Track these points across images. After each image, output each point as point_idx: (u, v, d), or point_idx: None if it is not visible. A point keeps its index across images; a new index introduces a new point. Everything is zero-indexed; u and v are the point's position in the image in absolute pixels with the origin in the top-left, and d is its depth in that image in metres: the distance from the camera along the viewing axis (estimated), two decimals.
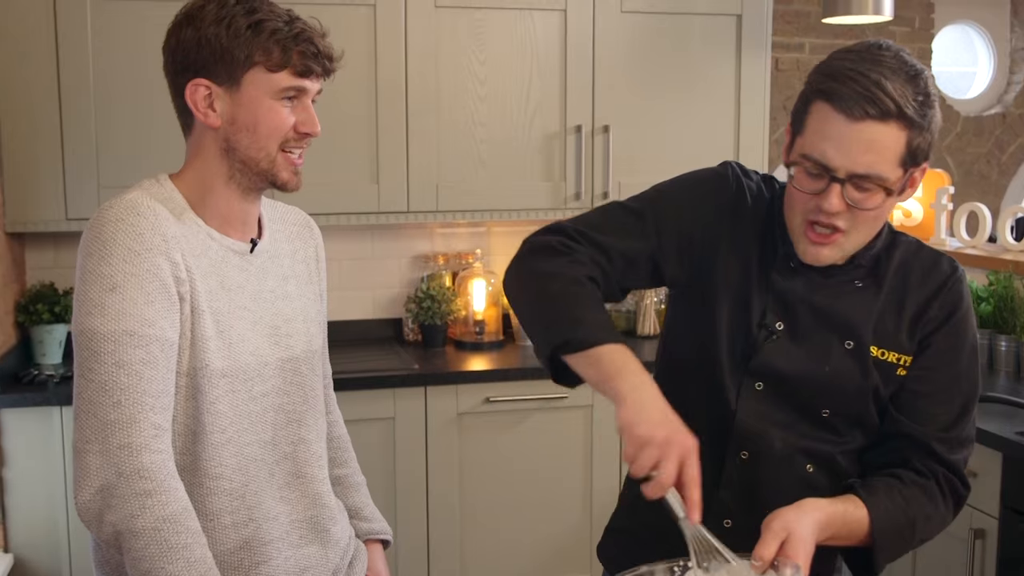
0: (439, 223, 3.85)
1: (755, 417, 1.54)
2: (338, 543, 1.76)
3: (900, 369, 1.54)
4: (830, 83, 1.40)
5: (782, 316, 1.54)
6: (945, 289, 1.56)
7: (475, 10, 3.47)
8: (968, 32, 5.65)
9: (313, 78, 1.59)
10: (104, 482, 1.43)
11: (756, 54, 3.71)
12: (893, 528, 1.49)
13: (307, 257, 1.81)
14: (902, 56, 1.41)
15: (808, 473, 1.55)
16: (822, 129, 1.41)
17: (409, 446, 3.28)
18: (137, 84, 3.23)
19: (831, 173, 1.41)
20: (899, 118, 1.38)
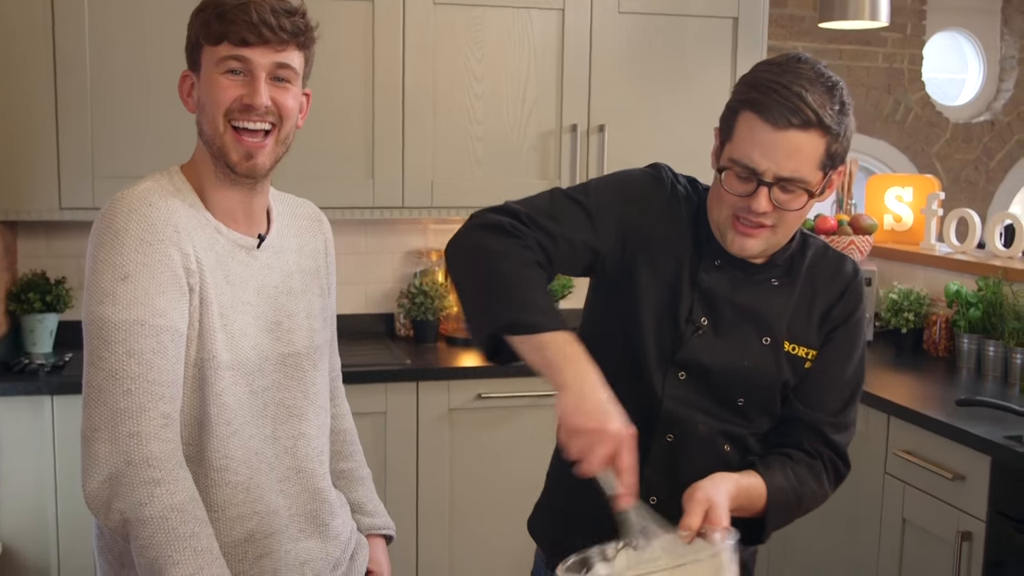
0: (433, 219, 3.86)
1: (681, 404, 1.65)
2: (338, 537, 1.77)
3: (807, 363, 1.69)
4: (756, 95, 1.51)
5: (707, 312, 1.64)
6: (849, 291, 1.70)
7: (473, 7, 3.48)
8: (958, 39, 5.69)
9: (258, 48, 1.55)
10: (113, 470, 1.44)
11: (751, 56, 3.73)
12: (784, 502, 1.62)
13: (315, 251, 1.81)
14: (819, 69, 1.54)
15: (726, 452, 1.67)
16: (750, 137, 1.52)
17: (400, 441, 3.29)
18: (133, 75, 3.23)
19: (759, 177, 1.52)
20: (819, 126, 1.49)
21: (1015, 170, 5.63)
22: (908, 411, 2.91)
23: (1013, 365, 3.26)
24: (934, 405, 2.97)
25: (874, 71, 5.27)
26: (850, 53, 5.20)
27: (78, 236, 3.58)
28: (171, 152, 3.21)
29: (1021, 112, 5.60)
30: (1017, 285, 3.37)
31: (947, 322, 3.58)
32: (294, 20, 1.58)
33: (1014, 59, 5.58)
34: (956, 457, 2.73)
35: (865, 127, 5.27)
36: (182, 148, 3.19)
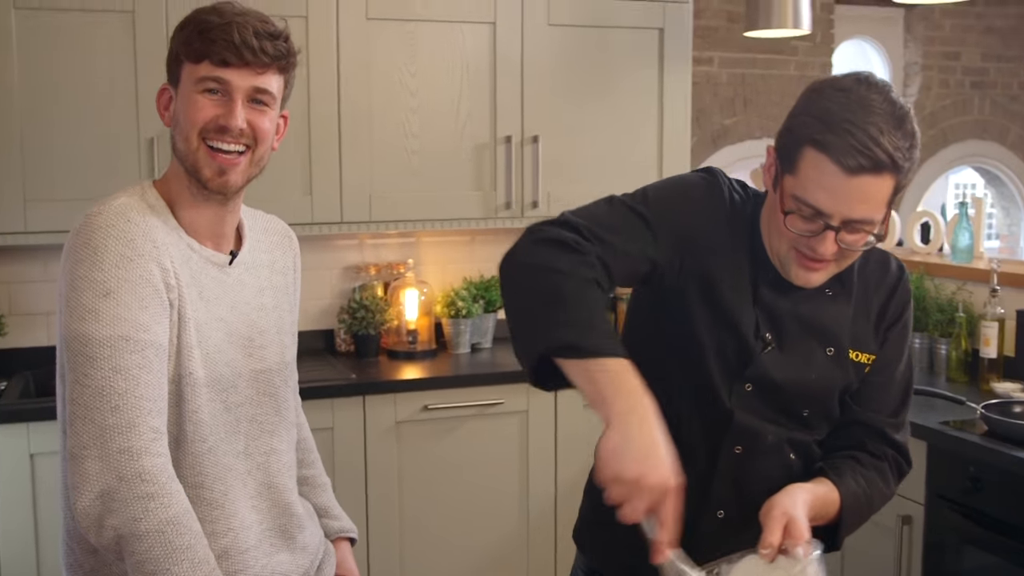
0: (369, 234, 3.87)
1: (751, 415, 1.60)
2: (306, 548, 1.78)
3: (867, 368, 1.66)
4: (826, 134, 1.41)
5: (771, 328, 1.59)
6: (899, 290, 1.68)
7: (406, 22, 3.51)
8: (865, 47, 5.90)
9: (237, 69, 1.55)
10: (104, 487, 1.43)
11: (678, 66, 3.83)
12: (856, 507, 1.61)
13: (285, 267, 1.82)
14: (891, 98, 1.44)
15: (791, 461, 1.65)
16: (818, 179, 1.43)
17: (348, 455, 3.29)
18: (65, 95, 3.18)
19: (826, 220, 1.45)
20: (892, 169, 1.42)
21: (923, 172, 5.86)
22: None
23: (938, 355, 3.40)
24: None
25: (787, 79, 5.43)
26: (764, 62, 5.35)
27: (9, 262, 3.51)
28: (105, 174, 3.21)
29: (926, 116, 5.82)
30: (938, 279, 3.51)
31: None
32: (276, 44, 1.57)
33: (917, 65, 5.80)
34: None
35: None
36: (116, 170, 3.20)
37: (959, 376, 3.26)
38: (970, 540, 2.66)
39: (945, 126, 5.88)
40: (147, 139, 3.23)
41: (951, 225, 3.61)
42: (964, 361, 3.27)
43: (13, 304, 3.52)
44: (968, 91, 5.91)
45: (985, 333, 3.15)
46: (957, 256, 3.54)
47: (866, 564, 2.99)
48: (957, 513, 2.68)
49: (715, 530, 1.62)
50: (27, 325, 3.54)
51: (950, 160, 5.95)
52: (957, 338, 3.28)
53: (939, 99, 5.85)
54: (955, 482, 2.67)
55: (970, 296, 3.36)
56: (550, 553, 3.54)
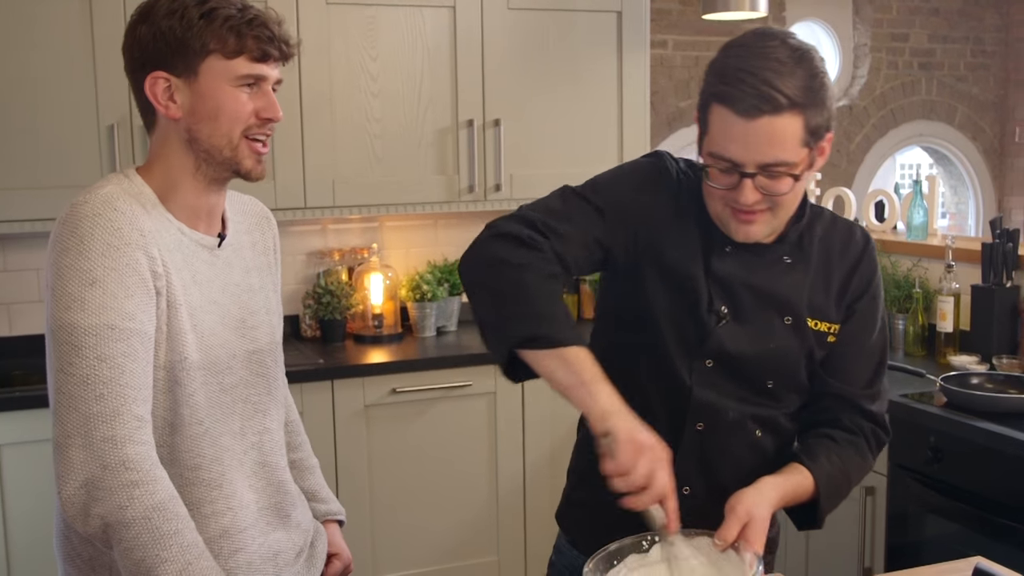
0: (332, 219, 3.87)
1: (710, 391, 1.62)
2: (299, 526, 1.80)
3: (830, 337, 1.66)
4: (722, 86, 1.46)
5: (726, 300, 1.61)
6: (864, 260, 1.69)
7: (366, 7, 3.51)
8: (815, 29, 5.98)
9: (271, 63, 1.59)
10: (89, 475, 1.43)
11: (635, 49, 3.87)
12: (833, 488, 1.63)
13: (266, 247, 1.83)
14: (788, 42, 1.48)
15: (757, 438, 1.66)
16: (724, 130, 1.47)
17: (318, 440, 3.27)
18: (22, 83, 3.14)
19: (740, 169, 1.48)
20: (792, 107, 1.44)
21: (873, 151, 5.96)
22: None
23: (895, 330, 3.48)
24: None
25: None
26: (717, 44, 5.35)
27: None
28: (64, 162, 3.17)
29: (875, 97, 5.92)
30: (894, 256, 3.59)
31: None
32: (290, 37, 1.62)
33: (866, 47, 5.90)
34: None
35: None
36: (75, 157, 3.17)
37: (916, 350, 3.34)
38: (931, 509, 2.73)
39: (894, 106, 5.98)
40: (107, 126, 3.20)
41: (905, 203, 3.69)
42: (921, 335, 3.35)
43: None
44: (916, 72, 6.02)
45: (941, 308, 3.22)
46: (912, 233, 3.62)
47: (831, 535, 3.06)
48: (918, 483, 2.75)
49: (680, 506, 1.56)
50: None
51: (899, 140, 6.06)
52: (914, 313, 3.35)
53: (888, 80, 5.95)
54: (916, 453, 2.74)
55: (925, 272, 3.44)
56: (520, 533, 3.58)
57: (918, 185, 3.61)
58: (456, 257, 3.93)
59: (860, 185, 5.86)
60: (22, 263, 3.51)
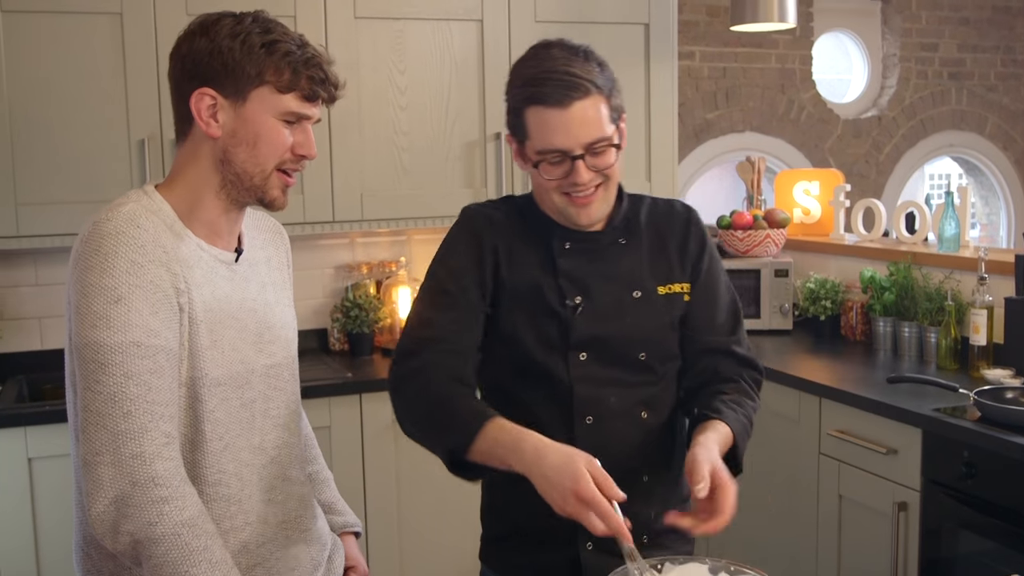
0: (361, 232, 3.88)
1: (589, 384, 1.74)
2: (318, 539, 1.80)
3: (685, 296, 1.82)
4: (531, 89, 1.65)
5: (578, 291, 1.75)
6: (692, 225, 1.86)
7: (394, 21, 3.52)
8: (844, 40, 5.95)
9: (317, 104, 1.62)
10: (118, 492, 1.43)
11: (663, 60, 3.86)
12: (743, 429, 1.76)
13: (280, 263, 1.84)
14: (568, 45, 1.69)
15: (644, 420, 1.77)
16: (545, 126, 1.65)
17: (346, 454, 3.30)
18: (54, 98, 3.17)
19: (569, 154, 1.65)
20: (596, 90, 1.64)
21: (902, 162, 5.91)
22: (840, 392, 3.06)
23: (928, 343, 3.44)
24: (863, 385, 3.12)
25: (768, 72, 5.47)
26: (744, 56, 5.38)
27: (1, 266, 3.49)
28: (97, 176, 3.20)
29: (905, 107, 5.87)
30: (925, 268, 3.56)
31: (863, 307, 3.75)
32: (339, 81, 1.65)
33: (895, 57, 5.85)
34: (888, 432, 2.88)
35: (762, 126, 5.47)
36: (107, 172, 3.19)
37: (949, 364, 3.31)
38: (966, 525, 2.70)
39: (924, 117, 5.93)
40: (138, 140, 3.23)
41: (936, 215, 3.65)
42: (954, 349, 3.31)
43: (5, 308, 3.51)
44: (946, 82, 5.96)
45: (974, 321, 3.19)
46: (944, 245, 3.58)
47: (863, 551, 3.03)
48: (952, 499, 2.71)
49: None
50: (20, 329, 3.52)
51: (929, 151, 6.01)
52: (946, 326, 3.32)
53: (917, 90, 5.90)
54: (950, 468, 2.71)
55: (957, 284, 3.40)
56: None
57: (950, 196, 3.57)
58: None
59: (889, 196, 5.81)
60: (53, 277, 3.54)
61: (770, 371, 3.32)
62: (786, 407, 3.27)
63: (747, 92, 5.42)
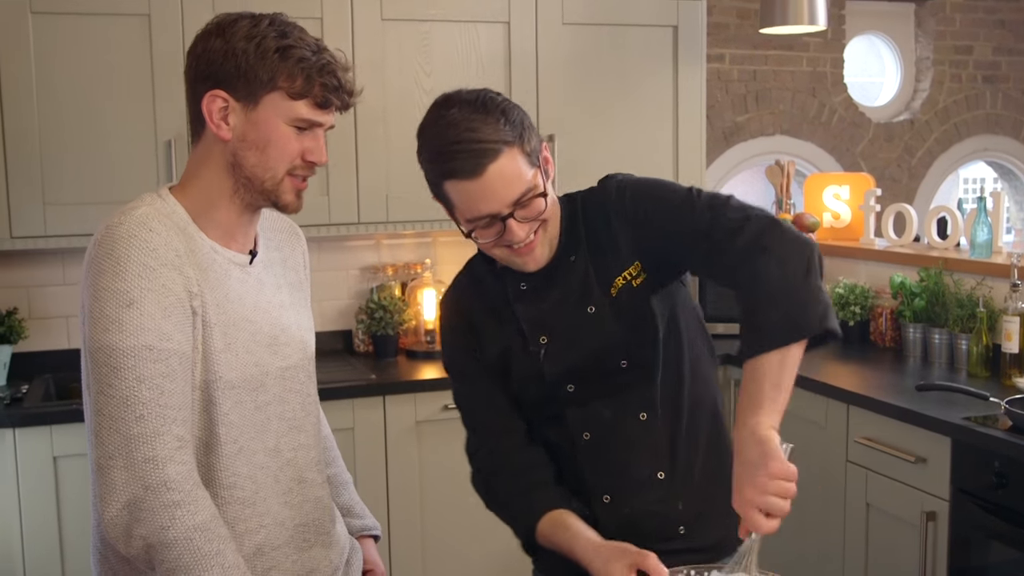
0: (386, 234, 3.87)
1: (577, 408, 1.73)
2: (338, 543, 1.80)
3: (639, 277, 1.69)
4: (441, 165, 1.60)
5: (542, 331, 1.73)
6: (613, 196, 1.71)
7: (421, 23, 3.52)
8: (876, 43, 5.89)
9: (330, 111, 1.59)
10: (131, 496, 1.43)
11: (692, 63, 3.83)
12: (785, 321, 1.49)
13: (296, 264, 1.82)
14: (466, 99, 1.61)
15: (643, 421, 1.72)
16: (465, 196, 1.59)
17: (369, 455, 3.29)
18: (82, 99, 3.19)
19: (497, 216, 1.60)
20: (505, 145, 1.56)
21: (935, 166, 5.83)
22: (868, 399, 3.01)
23: (958, 350, 3.39)
24: (891, 392, 3.08)
25: (798, 75, 5.41)
26: (775, 58, 5.33)
27: (28, 266, 3.52)
28: (124, 177, 3.21)
29: (938, 111, 5.80)
30: (957, 274, 3.50)
31: (892, 313, 3.71)
32: (354, 87, 1.62)
33: (928, 60, 5.78)
34: (917, 440, 2.83)
35: (792, 129, 5.42)
36: (134, 172, 3.20)
37: (980, 371, 3.25)
38: (995, 536, 2.65)
39: (957, 120, 5.85)
40: (164, 141, 3.24)
41: (969, 220, 3.60)
42: (985, 356, 3.26)
43: (33, 307, 3.53)
44: (980, 85, 5.88)
45: (1007, 328, 3.13)
46: (976, 251, 3.53)
47: (890, 560, 2.98)
48: (982, 509, 2.67)
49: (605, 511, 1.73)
50: (47, 328, 3.55)
51: (963, 155, 5.93)
52: (978, 333, 3.26)
53: (951, 94, 5.83)
54: (980, 478, 2.66)
55: (990, 291, 3.35)
56: None
57: (982, 201, 3.52)
58: None
59: (922, 201, 5.74)
60: (80, 277, 3.54)
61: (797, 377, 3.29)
62: (813, 413, 3.23)
63: (777, 95, 5.38)
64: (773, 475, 1.41)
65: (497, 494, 1.81)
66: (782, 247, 1.53)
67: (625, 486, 1.72)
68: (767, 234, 1.55)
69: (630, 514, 1.65)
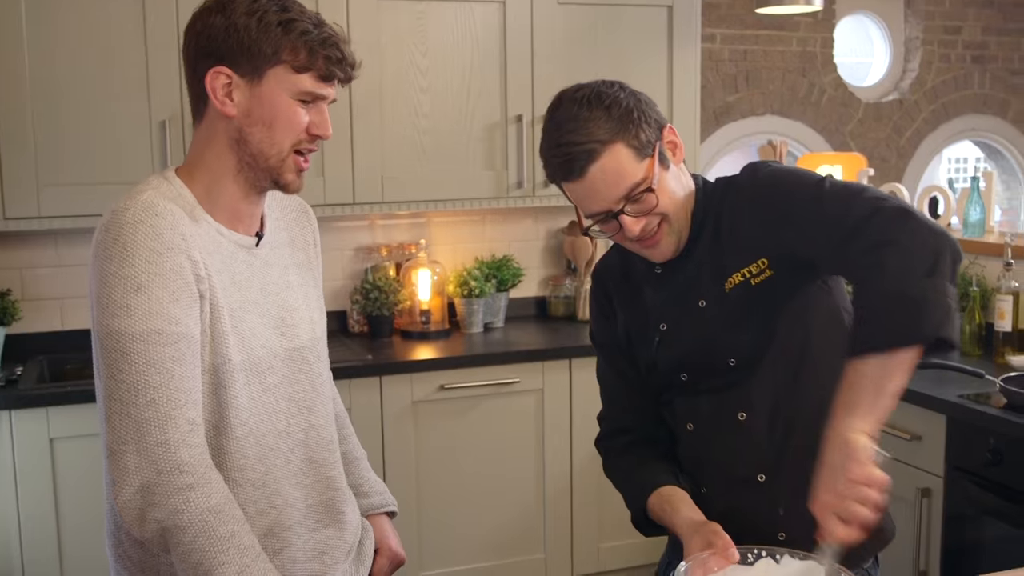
0: (381, 215, 3.87)
1: (687, 395, 1.75)
2: (351, 523, 1.80)
3: (754, 278, 1.62)
4: (550, 169, 1.63)
5: (663, 319, 1.74)
6: (743, 191, 1.65)
7: (416, 2, 3.51)
8: (866, 23, 5.89)
9: (333, 84, 1.60)
10: (144, 481, 1.43)
11: (687, 43, 3.83)
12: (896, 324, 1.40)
13: (306, 243, 1.82)
14: (574, 97, 1.60)
15: (742, 422, 1.69)
16: (575, 196, 1.63)
17: (366, 436, 3.28)
18: (76, 78, 3.17)
19: (609, 213, 1.61)
20: (605, 144, 1.55)
21: (923, 146, 5.85)
22: None
23: None
24: None
25: (789, 55, 5.42)
26: (766, 38, 5.33)
27: (21, 247, 3.50)
28: (118, 158, 3.20)
29: (927, 91, 5.82)
30: None
31: None
32: (355, 60, 1.63)
33: (918, 40, 5.79)
34: (913, 418, 2.86)
35: (782, 109, 5.43)
36: (128, 153, 3.19)
37: (973, 350, 3.28)
38: (989, 512, 2.68)
39: (946, 100, 5.87)
40: (159, 122, 3.22)
41: (961, 199, 3.62)
42: (978, 335, 3.29)
43: (26, 289, 3.52)
44: (969, 65, 5.90)
45: (1000, 306, 3.16)
46: (969, 230, 3.55)
47: None
48: (976, 485, 2.70)
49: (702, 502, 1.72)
50: (40, 310, 3.54)
51: (950, 135, 5.95)
52: (971, 312, 3.29)
53: (940, 73, 5.84)
54: (974, 455, 2.69)
55: (983, 270, 3.38)
56: (567, 530, 3.56)
57: (975, 181, 3.54)
58: (504, 253, 3.96)
59: (910, 180, 5.76)
60: (75, 258, 3.55)
61: None
62: None
63: (768, 75, 5.38)
64: (854, 480, 1.35)
65: (614, 466, 1.87)
66: (911, 240, 1.42)
67: (721, 482, 1.72)
68: (895, 225, 1.44)
69: (726, 510, 1.63)
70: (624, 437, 1.86)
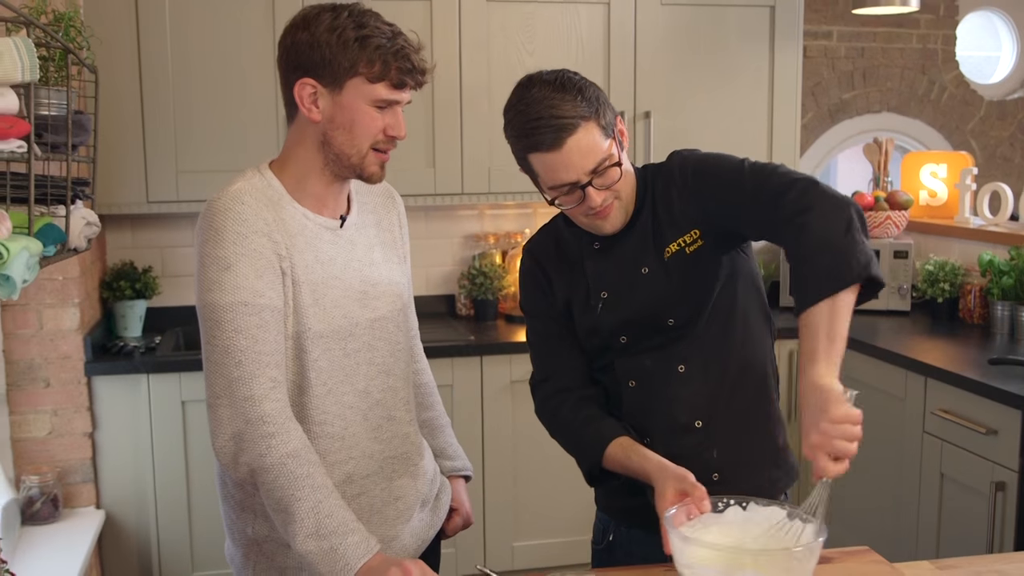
0: (489, 204, 4.09)
1: (628, 354, 1.92)
2: (425, 475, 2.02)
3: (688, 247, 1.86)
4: (527, 139, 1.77)
5: (604, 287, 1.92)
6: (672, 173, 1.88)
7: (524, 4, 3.70)
8: (991, 18, 5.81)
9: (406, 90, 1.80)
10: (235, 430, 1.68)
11: (789, 43, 3.92)
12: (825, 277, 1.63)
13: (391, 224, 2.04)
14: (545, 78, 1.79)
15: (682, 373, 1.90)
16: (548, 167, 1.78)
17: (467, 412, 3.52)
18: (213, 70, 3.48)
19: (577, 185, 1.78)
20: (582, 120, 1.74)
21: None
22: (945, 372, 3.10)
23: (1020, 323, 3.42)
24: (969, 366, 3.15)
25: (908, 52, 5.40)
26: (884, 36, 5.33)
27: (162, 228, 3.85)
28: (250, 145, 3.50)
29: None
30: None
31: (981, 291, 3.75)
32: (426, 67, 1.81)
33: None
34: (989, 413, 2.92)
35: (900, 107, 5.42)
36: (256, 142, 3.50)
37: None
38: None
39: None
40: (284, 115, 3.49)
41: None
42: None
43: (166, 266, 3.87)
44: None
45: None
46: None
47: (960, 530, 3.07)
48: None
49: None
50: (177, 285, 3.88)
51: None
52: None
53: None
54: None
55: None
56: None
57: None
58: None
59: None
60: None
61: (879, 350, 3.39)
62: (892, 386, 3.32)
63: (886, 72, 5.37)
64: (835, 419, 1.51)
65: (565, 422, 1.97)
66: (823, 204, 1.68)
67: (663, 430, 1.90)
68: (809, 194, 1.71)
69: (667, 456, 1.81)
70: (569, 395, 1.97)
